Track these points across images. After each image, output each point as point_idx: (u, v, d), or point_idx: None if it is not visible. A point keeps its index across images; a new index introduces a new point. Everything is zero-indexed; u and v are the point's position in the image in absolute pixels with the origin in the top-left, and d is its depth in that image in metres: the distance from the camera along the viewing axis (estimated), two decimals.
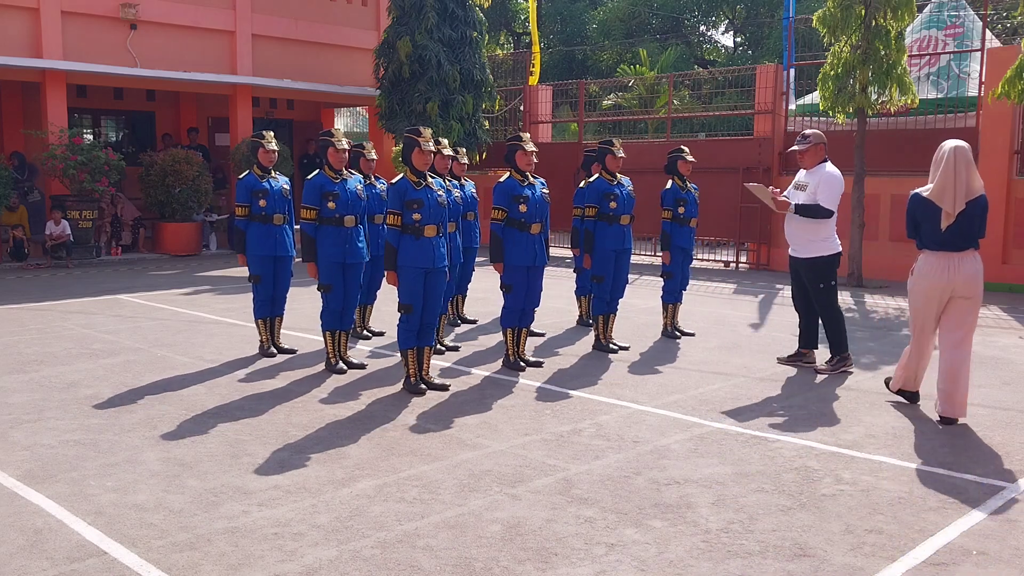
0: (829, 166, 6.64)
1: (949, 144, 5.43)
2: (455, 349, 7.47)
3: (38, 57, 13.88)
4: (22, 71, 13.86)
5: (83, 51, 14.38)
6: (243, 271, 7.53)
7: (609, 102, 24.61)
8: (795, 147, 6.74)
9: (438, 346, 7.27)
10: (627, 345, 7.63)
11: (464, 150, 8.31)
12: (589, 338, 7.94)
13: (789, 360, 7.10)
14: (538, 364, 6.87)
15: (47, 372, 6.51)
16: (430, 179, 5.97)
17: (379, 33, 17.30)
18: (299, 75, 16.96)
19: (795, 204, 6.57)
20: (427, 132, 5.90)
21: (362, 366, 6.73)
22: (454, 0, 15.95)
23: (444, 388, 6.09)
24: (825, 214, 6.48)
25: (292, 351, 7.27)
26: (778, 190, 6.81)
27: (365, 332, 8.01)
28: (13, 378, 6.33)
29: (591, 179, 7.51)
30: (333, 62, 17.63)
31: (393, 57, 15.83)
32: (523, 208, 6.49)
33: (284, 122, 19.16)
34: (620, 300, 7.66)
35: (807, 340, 7.03)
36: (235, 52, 16.21)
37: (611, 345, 7.50)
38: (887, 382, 6.08)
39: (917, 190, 5.48)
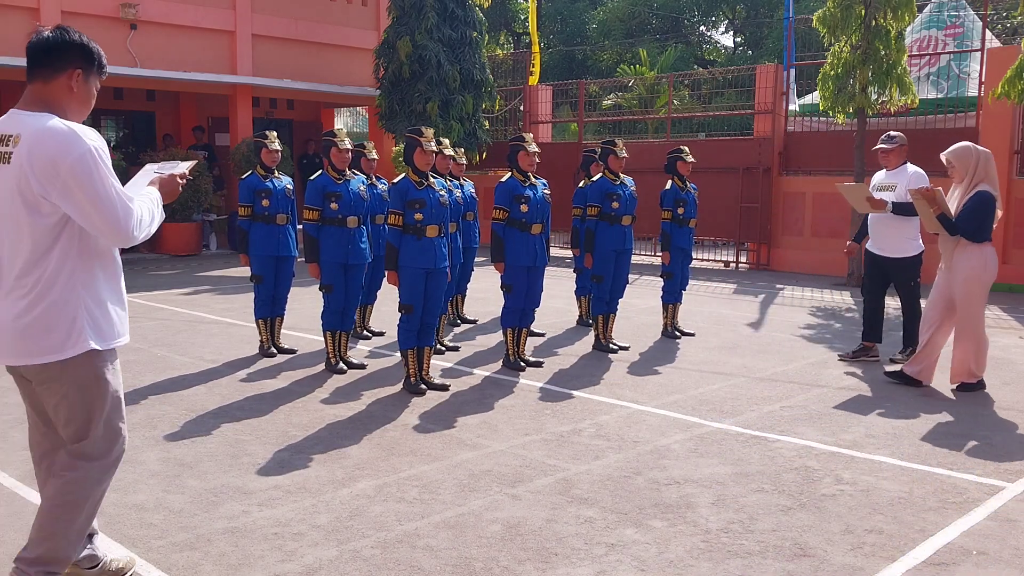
0: (911, 166, 6.90)
1: (980, 148, 6.08)
2: (455, 349, 7.47)
3: None
4: (22, 71, 13.81)
5: None
6: (243, 271, 7.54)
7: (609, 102, 24.61)
8: (881, 146, 6.93)
9: (438, 346, 7.28)
10: (627, 345, 7.64)
11: (462, 151, 8.32)
12: (589, 338, 7.94)
13: (854, 356, 7.15)
14: (538, 364, 6.87)
15: None
16: (432, 179, 5.97)
17: (379, 33, 17.30)
18: (299, 75, 16.95)
19: (892, 203, 6.65)
20: (429, 132, 5.90)
21: (362, 366, 6.73)
22: (454, 0, 15.95)
23: (444, 388, 6.09)
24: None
25: (292, 351, 7.27)
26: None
27: (365, 332, 8.02)
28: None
29: (594, 178, 7.51)
30: (333, 62, 17.62)
31: (393, 57, 15.83)
32: (524, 208, 6.50)
33: (284, 122, 19.15)
34: (620, 300, 7.67)
35: (874, 335, 7.18)
36: (235, 52, 16.20)
37: (611, 345, 7.50)
38: (901, 375, 6.31)
39: (986, 189, 6.00)
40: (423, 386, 6.02)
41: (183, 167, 3.26)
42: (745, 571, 3.36)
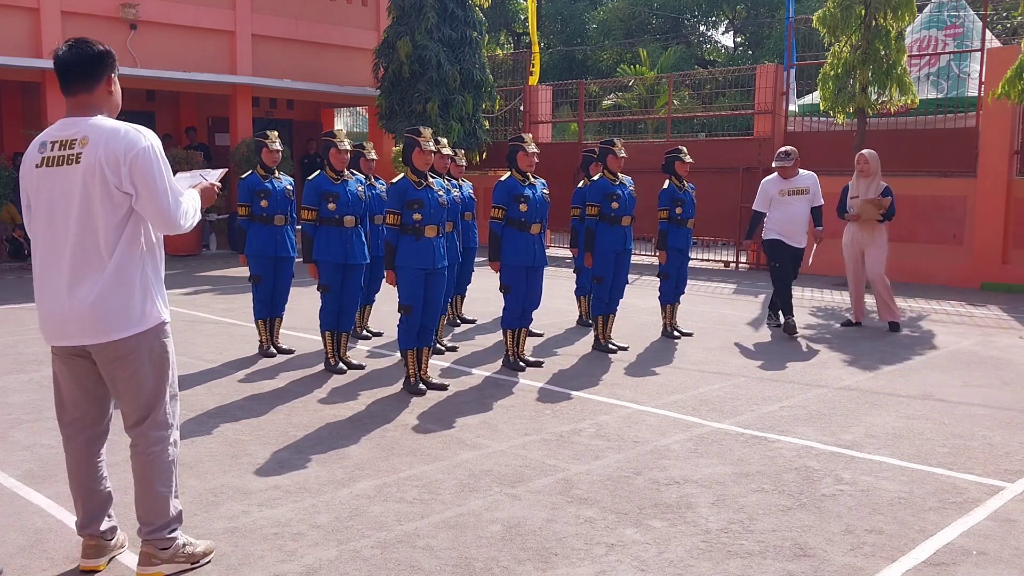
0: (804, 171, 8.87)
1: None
2: (453, 349, 7.47)
3: (38, 57, 13.88)
4: (22, 71, 13.84)
5: None
6: (243, 271, 7.54)
7: (609, 102, 24.61)
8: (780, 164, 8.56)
9: (437, 346, 7.27)
10: (626, 345, 7.63)
11: (462, 152, 8.33)
12: (589, 338, 7.94)
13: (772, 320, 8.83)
14: (538, 364, 6.87)
15: (47, 372, 6.50)
16: (431, 179, 5.97)
17: (379, 33, 17.29)
18: (299, 75, 16.95)
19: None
20: (427, 132, 5.90)
21: (361, 367, 6.73)
22: (454, 0, 15.95)
23: (443, 388, 6.09)
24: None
25: (291, 351, 7.27)
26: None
27: (365, 332, 8.02)
28: (13, 378, 6.33)
29: (595, 178, 7.51)
30: (333, 62, 17.61)
31: (393, 57, 15.83)
32: (523, 208, 6.49)
33: (284, 122, 19.15)
34: (620, 300, 7.66)
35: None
36: (235, 52, 16.20)
37: (610, 345, 7.49)
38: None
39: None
40: (423, 386, 6.02)
41: (215, 176, 3.69)
42: (745, 571, 3.36)
